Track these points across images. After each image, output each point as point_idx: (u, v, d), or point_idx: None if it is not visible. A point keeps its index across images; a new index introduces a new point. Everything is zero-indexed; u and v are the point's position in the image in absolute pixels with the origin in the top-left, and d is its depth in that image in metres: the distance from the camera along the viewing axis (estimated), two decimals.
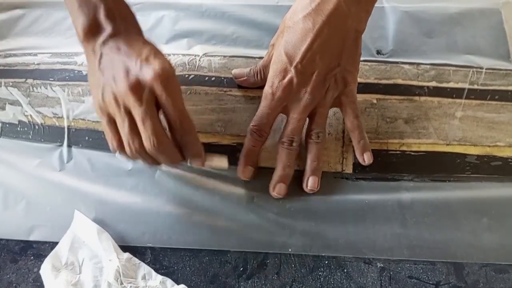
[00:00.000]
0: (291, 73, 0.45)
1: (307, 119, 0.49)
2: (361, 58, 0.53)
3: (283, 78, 0.46)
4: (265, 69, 0.51)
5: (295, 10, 0.45)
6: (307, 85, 0.46)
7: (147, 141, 0.40)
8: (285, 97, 0.46)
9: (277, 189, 0.47)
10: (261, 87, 0.49)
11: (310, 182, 0.47)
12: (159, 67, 0.38)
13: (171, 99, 0.40)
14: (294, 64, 0.45)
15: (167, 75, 0.39)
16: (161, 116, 0.41)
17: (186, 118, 0.42)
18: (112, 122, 0.42)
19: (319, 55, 0.45)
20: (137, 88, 0.39)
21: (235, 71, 0.54)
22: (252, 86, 0.54)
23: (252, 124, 0.48)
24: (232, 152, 0.50)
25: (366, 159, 0.48)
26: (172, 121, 0.42)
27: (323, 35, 0.44)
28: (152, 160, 0.43)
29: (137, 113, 0.40)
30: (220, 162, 0.47)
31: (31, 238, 0.47)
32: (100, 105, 0.42)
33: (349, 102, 0.49)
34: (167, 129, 0.43)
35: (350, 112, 0.49)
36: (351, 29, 0.45)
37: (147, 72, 0.39)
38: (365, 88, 0.53)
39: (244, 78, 0.53)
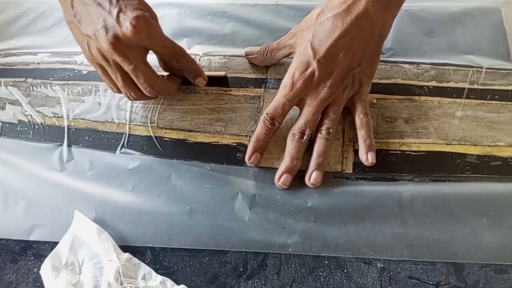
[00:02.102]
0: (314, 66, 0.46)
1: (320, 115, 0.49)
2: None
3: (305, 70, 0.46)
4: (276, 51, 0.52)
5: (326, 8, 0.46)
6: (327, 80, 0.47)
7: (143, 89, 0.45)
8: (304, 89, 0.47)
9: (282, 180, 0.47)
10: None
11: (314, 176, 0.47)
12: (135, 19, 0.41)
13: (156, 43, 0.44)
14: (317, 57, 0.45)
15: (144, 23, 0.41)
16: None
17: (176, 49, 0.47)
18: (105, 71, 0.45)
19: (343, 53, 0.45)
20: (119, 45, 0.42)
21: (247, 49, 0.55)
22: (260, 64, 0.55)
23: (266, 112, 0.48)
24: (232, 152, 0.50)
25: (370, 158, 0.48)
26: (164, 57, 0.47)
27: (350, 34, 0.45)
28: (151, 98, 0.50)
29: (128, 69, 0.43)
30: (218, 73, 0.53)
31: (31, 238, 0.47)
32: (89, 58, 0.45)
33: (361, 101, 0.50)
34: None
35: (360, 109, 0.49)
36: (376, 33, 0.46)
37: (125, 26, 0.41)
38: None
39: (255, 56, 0.54)
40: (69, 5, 0.43)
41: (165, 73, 0.52)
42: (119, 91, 0.47)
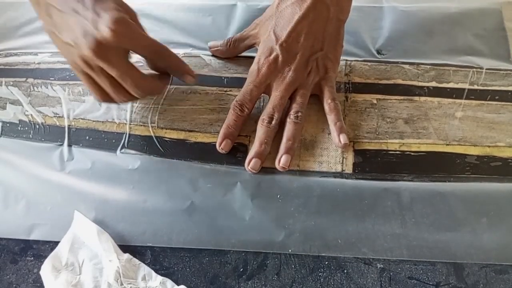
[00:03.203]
0: (277, 50, 0.48)
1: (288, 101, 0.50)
2: (361, 58, 0.53)
3: (269, 55, 0.48)
4: (239, 41, 0.53)
5: None
6: (291, 63, 0.48)
7: (132, 91, 0.44)
8: (269, 74, 0.48)
9: (252, 164, 0.48)
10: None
11: (283, 160, 0.48)
12: (112, 22, 0.40)
13: (137, 44, 0.43)
14: (280, 42, 0.48)
15: (123, 25, 0.40)
16: None
17: (158, 48, 0.46)
18: (90, 78, 0.44)
19: (304, 37, 0.48)
20: (101, 51, 0.40)
21: (210, 43, 0.55)
22: (222, 56, 0.55)
23: (235, 99, 0.49)
24: (232, 152, 0.50)
25: (342, 139, 0.48)
26: (148, 57, 0.47)
27: (308, 18, 0.47)
28: (144, 98, 0.49)
29: (113, 73, 0.42)
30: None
31: (31, 237, 0.46)
32: (73, 66, 0.44)
33: (328, 87, 0.50)
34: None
35: (327, 95, 0.50)
36: (333, 16, 0.48)
37: (104, 31, 0.39)
38: (365, 88, 0.52)
39: (217, 48, 0.55)
40: (46, 15, 0.42)
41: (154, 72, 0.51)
42: (104, 99, 0.46)
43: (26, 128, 0.53)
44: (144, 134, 0.51)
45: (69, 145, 0.51)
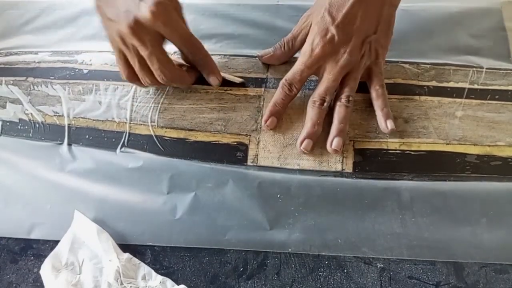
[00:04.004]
0: (333, 31, 0.46)
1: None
2: None
3: (325, 35, 0.46)
4: (294, 39, 0.51)
5: None
6: (347, 45, 0.46)
7: (156, 75, 0.46)
8: (323, 56, 0.47)
9: (304, 144, 0.47)
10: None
11: (335, 142, 0.47)
12: (154, 5, 0.41)
13: (172, 31, 0.44)
14: (336, 23, 0.46)
15: (162, 10, 0.42)
16: None
17: (192, 41, 0.47)
18: (122, 56, 0.46)
19: (359, 19, 0.46)
20: (138, 30, 0.42)
21: (259, 52, 0.53)
22: (278, 61, 0.53)
23: (284, 78, 0.48)
24: (232, 151, 0.49)
25: (389, 125, 0.48)
26: (180, 48, 0.47)
27: (364, 1, 0.45)
28: (166, 85, 0.50)
29: (144, 54, 0.44)
30: (236, 78, 0.52)
31: (31, 236, 0.46)
32: (111, 40, 0.46)
33: (377, 73, 0.49)
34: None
35: (376, 81, 0.49)
36: (388, 1, 0.47)
37: (144, 11, 0.42)
38: (366, 87, 0.51)
39: (271, 54, 0.52)
40: None
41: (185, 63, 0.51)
42: (130, 78, 0.47)
43: (26, 127, 0.52)
44: (144, 133, 0.51)
45: (69, 144, 0.51)
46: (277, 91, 0.49)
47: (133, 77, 0.47)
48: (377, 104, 0.49)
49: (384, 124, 0.48)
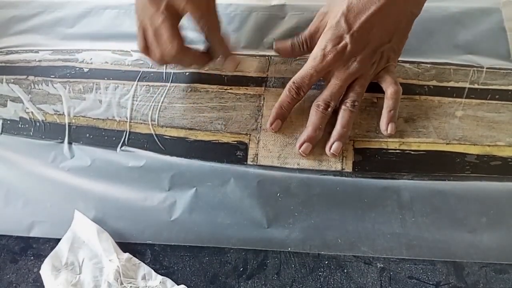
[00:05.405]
0: (347, 40, 0.45)
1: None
2: None
3: (338, 43, 0.45)
4: (311, 38, 0.49)
5: None
6: (358, 54, 0.45)
7: (163, 49, 0.45)
8: (334, 62, 0.46)
9: (303, 148, 0.47)
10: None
11: (334, 147, 0.46)
12: None
13: (195, 3, 0.44)
14: (351, 32, 0.44)
15: None
16: None
17: (209, 19, 0.46)
18: (141, 28, 0.46)
19: (376, 28, 0.44)
20: (155, 1, 0.43)
21: (277, 44, 0.52)
22: (294, 56, 0.52)
23: (292, 81, 0.47)
24: (232, 151, 0.48)
25: (390, 129, 0.47)
26: (194, 22, 0.45)
27: (384, 10, 0.44)
28: (177, 64, 0.51)
29: (156, 23, 0.44)
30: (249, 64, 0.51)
31: (31, 235, 0.46)
32: (136, 12, 0.46)
33: (389, 73, 0.48)
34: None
35: (390, 79, 0.48)
36: (408, 10, 0.45)
37: None
38: (367, 87, 0.50)
39: (288, 51, 0.51)
40: None
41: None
42: (143, 50, 0.47)
43: (27, 126, 0.52)
44: (144, 132, 0.50)
45: (70, 143, 0.50)
46: (283, 93, 0.47)
47: (146, 49, 0.47)
48: (387, 103, 0.48)
49: (385, 126, 0.47)
